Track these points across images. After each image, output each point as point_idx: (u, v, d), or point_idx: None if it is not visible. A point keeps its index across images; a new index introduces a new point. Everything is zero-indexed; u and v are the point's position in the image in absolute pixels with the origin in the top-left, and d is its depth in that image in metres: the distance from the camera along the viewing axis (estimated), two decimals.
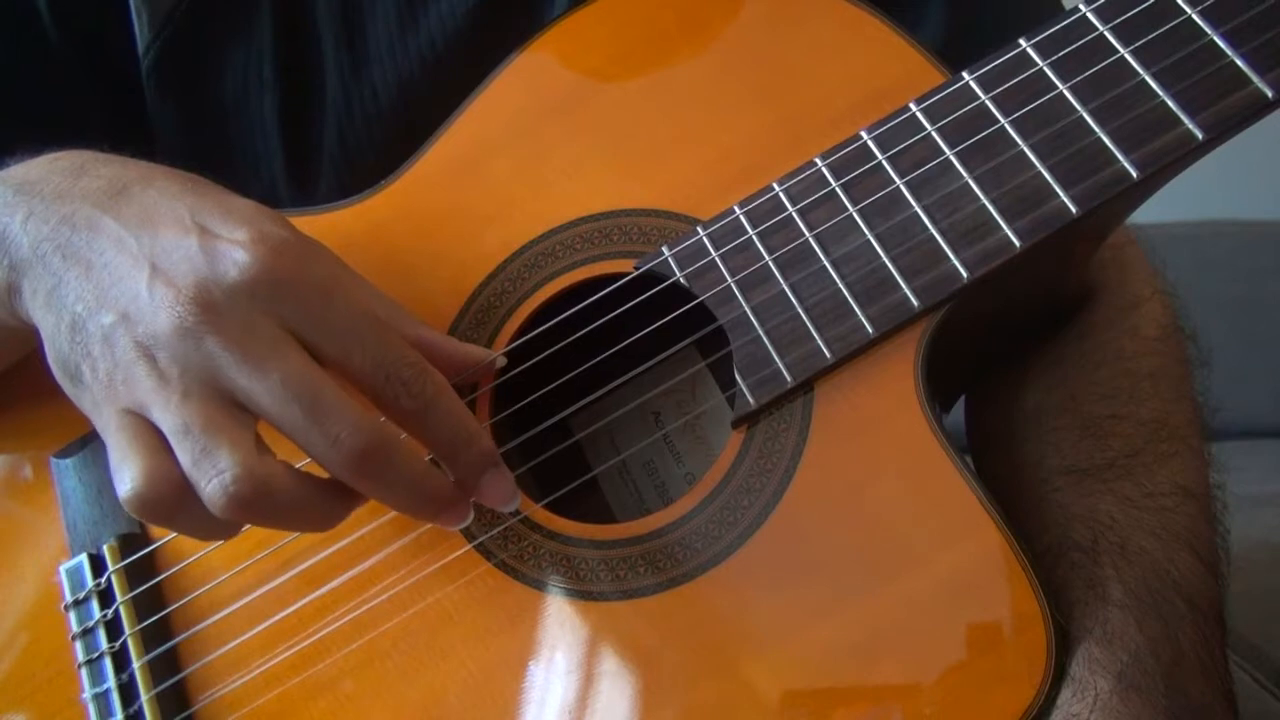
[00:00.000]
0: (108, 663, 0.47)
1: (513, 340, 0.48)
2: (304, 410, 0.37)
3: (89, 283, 0.40)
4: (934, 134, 0.43)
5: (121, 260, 0.40)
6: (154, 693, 0.46)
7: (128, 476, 0.37)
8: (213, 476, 0.36)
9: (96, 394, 0.39)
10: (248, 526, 0.41)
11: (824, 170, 0.45)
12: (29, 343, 0.46)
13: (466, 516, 0.41)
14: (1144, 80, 0.41)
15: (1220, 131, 0.40)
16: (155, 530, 0.49)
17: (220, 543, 0.47)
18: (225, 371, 0.37)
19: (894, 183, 0.44)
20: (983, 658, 0.39)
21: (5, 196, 0.43)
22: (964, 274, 0.42)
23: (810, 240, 0.44)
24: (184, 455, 0.37)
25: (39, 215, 0.42)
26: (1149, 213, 0.49)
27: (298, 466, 0.39)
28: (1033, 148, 0.42)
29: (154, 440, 0.38)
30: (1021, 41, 0.43)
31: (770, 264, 0.44)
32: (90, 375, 0.40)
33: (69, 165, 0.44)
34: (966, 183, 0.42)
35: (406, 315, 0.45)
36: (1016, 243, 0.41)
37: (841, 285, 0.43)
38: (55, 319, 0.41)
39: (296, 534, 0.47)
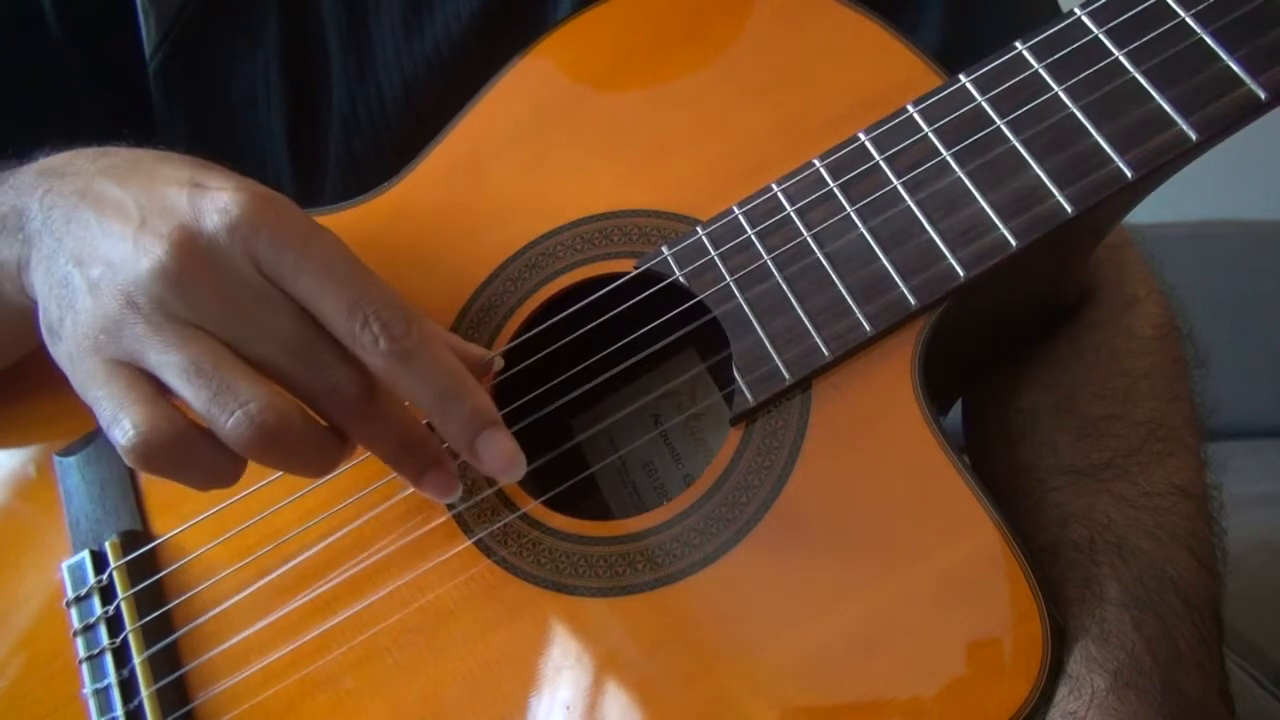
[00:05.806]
0: (108, 659, 0.47)
1: (513, 340, 0.48)
2: (299, 361, 0.37)
3: (84, 243, 0.40)
4: (931, 135, 0.44)
5: (117, 219, 0.40)
6: (154, 688, 0.46)
7: (128, 424, 0.37)
8: (235, 409, 0.36)
9: (77, 344, 0.39)
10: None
11: (822, 171, 0.45)
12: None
13: (454, 487, 0.41)
14: (1139, 82, 0.41)
15: (1214, 133, 0.40)
16: (157, 527, 0.50)
17: (221, 540, 0.48)
18: (213, 316, 0.37)
19: (891, 183, 0.44)
20: (979, 654, 0.39)
21: (28, 180, 0.44)
22: (960, 273, 0.42)
23: (808, 239, 0.44)
24: (198, 392, 0.36)
25: (56, 190, 0.43)
26: (1148, 213, 0.49)
27: None
28: (1029, 148, 0.42)
29: (150, 388, 0.38)
30: (1018, 44, 0.43)
31: (769, 263, 0.45)
32: (71, 326, 0.39)
33: (92, 152, 0.45)
34: (963, 183, 0.43)
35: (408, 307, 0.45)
36: (1013, 242, 0.42)
37: (839, 284, 0.43)
38: (48, 280, 0.41)
39: (297, 530, 0.47)
